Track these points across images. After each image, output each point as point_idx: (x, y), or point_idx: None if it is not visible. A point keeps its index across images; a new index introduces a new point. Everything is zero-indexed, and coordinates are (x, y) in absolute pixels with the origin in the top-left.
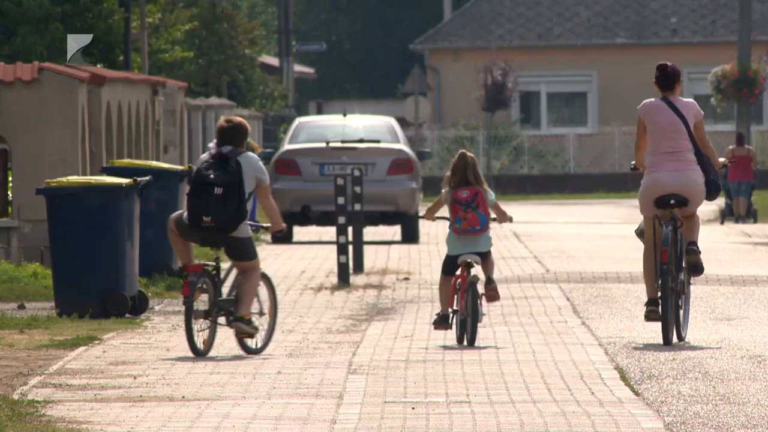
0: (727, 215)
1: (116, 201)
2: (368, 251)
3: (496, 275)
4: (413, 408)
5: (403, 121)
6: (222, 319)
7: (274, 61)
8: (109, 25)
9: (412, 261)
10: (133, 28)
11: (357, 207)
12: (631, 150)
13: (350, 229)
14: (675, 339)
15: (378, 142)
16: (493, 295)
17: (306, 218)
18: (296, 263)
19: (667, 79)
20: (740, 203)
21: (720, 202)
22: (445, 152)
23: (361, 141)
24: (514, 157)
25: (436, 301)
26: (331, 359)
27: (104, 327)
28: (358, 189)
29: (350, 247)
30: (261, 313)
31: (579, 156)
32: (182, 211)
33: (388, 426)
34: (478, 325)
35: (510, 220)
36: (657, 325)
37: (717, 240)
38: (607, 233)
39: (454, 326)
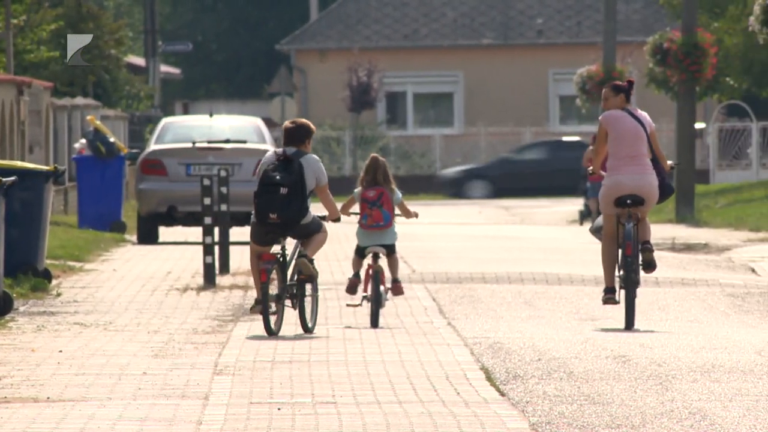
0: (586, 216)
1: None
2: (234, 252)
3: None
4: (279, 409)
5: (269, 122)
6: (288, 302)
7: (140, 61)
8: None
9: None
10: None
11: (223, 207)
12: (496, 150)
13: (216, 230)
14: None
15: (244, 142)
16: (397, 289)
17: (172, 219)
18: (162, 264)
19: (629, 91)
20: (596, 203)
21: (579, 203)
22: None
23: (227, 141)
24: None
25: None
26: (197, 360)
27: None
28: (224, 189)
29: (216, 248)
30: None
31: (445, 156)
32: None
33: (254, 427)
34: (381, 310)
35: (415, 215)
36: (523, 325)
37: (581, 241)
38: (473, 234)
39: (365, 305)
